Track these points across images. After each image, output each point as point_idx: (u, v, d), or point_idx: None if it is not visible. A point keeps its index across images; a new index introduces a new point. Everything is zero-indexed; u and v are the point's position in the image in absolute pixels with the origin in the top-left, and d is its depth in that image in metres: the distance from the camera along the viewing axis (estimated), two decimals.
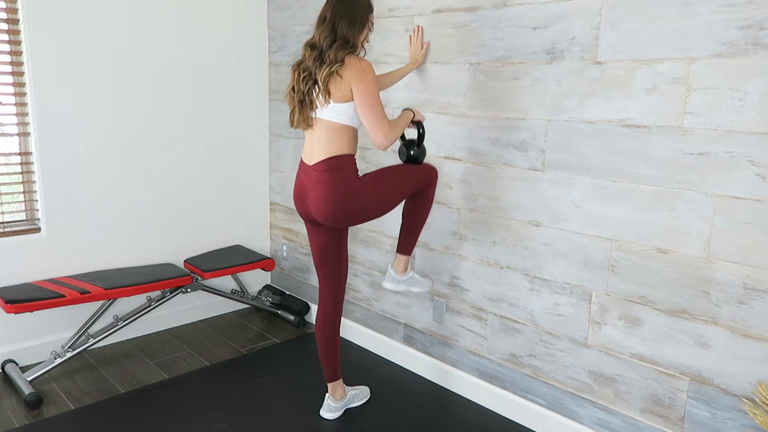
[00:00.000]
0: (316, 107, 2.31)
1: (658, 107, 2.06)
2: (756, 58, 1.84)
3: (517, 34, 2.44)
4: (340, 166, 2.31)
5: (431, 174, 2.54)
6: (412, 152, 2.53)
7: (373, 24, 2.40)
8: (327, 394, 2.66)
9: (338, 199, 2.30)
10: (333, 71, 2.21)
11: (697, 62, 1.96)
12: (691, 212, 2.03)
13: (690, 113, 1.99)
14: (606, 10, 2.16)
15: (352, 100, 2.25)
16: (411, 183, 2.48)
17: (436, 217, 2.87)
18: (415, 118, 2.50)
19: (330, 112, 2.29)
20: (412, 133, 2.56)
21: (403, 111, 2.49)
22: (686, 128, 2.01)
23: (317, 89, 2.28)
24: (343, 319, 3.39)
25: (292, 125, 2.40)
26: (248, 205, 3.85)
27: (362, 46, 2.37)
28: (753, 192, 1.89)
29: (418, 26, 2.79)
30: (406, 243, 2.63)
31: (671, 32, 2.01)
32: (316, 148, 2.34)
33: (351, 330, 3.42)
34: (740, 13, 1.85)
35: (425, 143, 2.57)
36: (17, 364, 2.95)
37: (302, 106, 2.33)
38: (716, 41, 1.91)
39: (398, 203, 2.51)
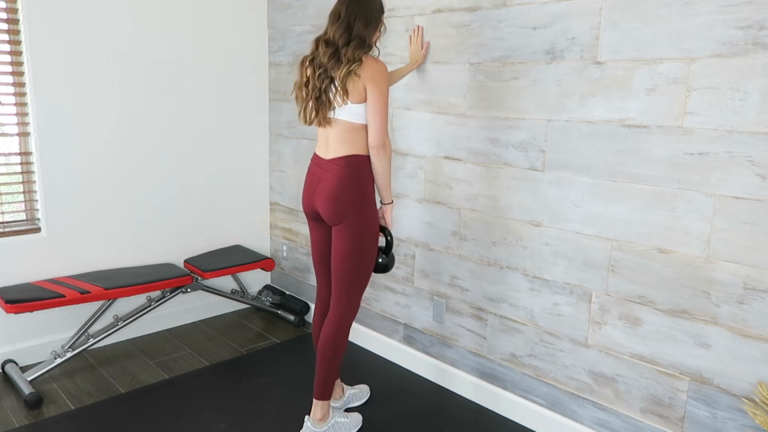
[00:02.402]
0: (334, 107, 2.29)
1: (658, 107, 2.06)
2: (756, 58, 1.84)
3: (517, 34, 2.44)
4: (360, 164, 2.31)
5: (357, 304, 2.44)
6: (380, 260, 2.50)
7: (385, 25, 2.39)
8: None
9: (348, 193, 2.29)
10: (351, 70, 2.19)
11: (697, 62, 1.96)
12: (691, 212, 2.03)
13: (690, 113, 1.99)
14: (606, 10, 2.16)
15: (366, 100, 2.25)
16: (366, 272, 2.40)
17: (436, 217, 2.87)
18: (385, 219, 2.47)
19: (347, 112, 2.27)
20: (380, 241, 2.51)
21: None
22: (686, 128, 2.01)
23: (334, 88, 2.26)
24: None
25: (306, 122, 2.35)
26: (248, 205, 3.85)
27: (375, 46, 2.36)
28: (753, 192, 1.89)
29: (418, 26, 2.79)
30: (323, 384, 2.41)
31: (671, 32, 2.01)
32: (333, 144, 2.32)
33: (351, 330, 3.41)
34: (740, 13, 1.85)
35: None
36: (17, 364, 2.95)
37: (319, 104, 2.29)
38: (716, 41, 1.91)
39: (355, 263, 2.34)
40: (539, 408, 2.57)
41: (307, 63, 2.33)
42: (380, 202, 2.48)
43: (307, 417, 2.44)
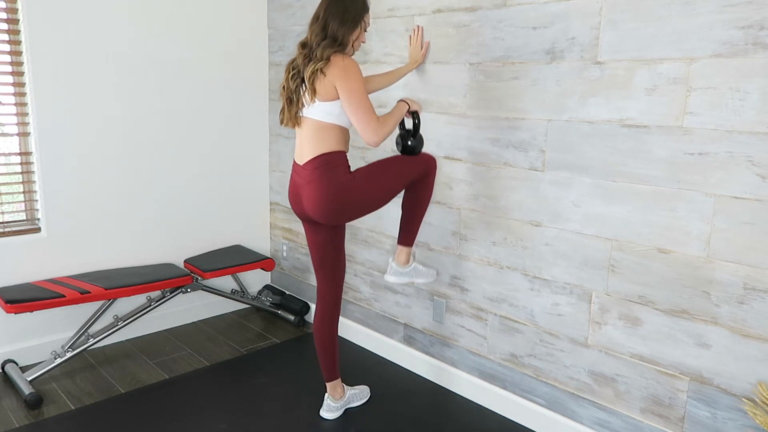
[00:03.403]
0: (303, 105, 2.32)
1: (658, 107, 2.06)
2: (756, 58, 1.84)
3: (517, 34, 2.44)
4: (330, 162, 2.31)
5: (429, 164, 2.52)
6: (409, 143, 2.49)
7: (367, 24, 2.39)
8: (326, 394, 2.66)
9: (331, 195, 2.30)
10: (317, 69, 2.22)
11: (697, 62, 1.96)
12: (691, 212, 2.03)
13: (690, 113, 1.99)
14: (606, 10, 2.16)
15: (337, 98, 2.25)
16: (406, 174, 2.46)
17: (436, 217, 2.87)
18: (411, 108, 2.46)
19: (316, 110, 2.29)
20: (407, 123, 2.53)
21: (397, 103, 2.44)
22: (686, 128, 2.01)
23: (304, 87, 2.29)
24: (343, 319, 3.40)
25: (281, 123, 2.41)
26: (248, 205, 3.85)
27: (353, 46, 2.36)
28: (753, 192, 1.89)
29: (418, 26, 2.79)
30: (407, 234, 2.61)
31: (671, 32, 2.01)
32: (305, 147, 2.35)
33: (351, 330, 3.42)
34: (740, 13, 1.85)
35: (422, 132, 2.52)
36: (17, 364, 2.95)
37: (290, 104, 2.34)
38: (716, 41, 1.91)
39: (396, 194, 2.49)
40: (539, 408, 2.57)
41: (288, 66, 2.38)
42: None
43: (392, 257, 2.67)
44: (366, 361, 3.19)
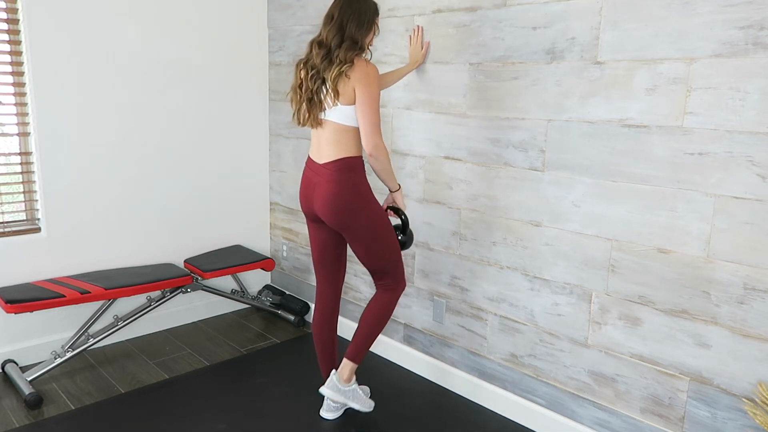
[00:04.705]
0: (325, 108, 2.32)
1: (658, 107, 2.06)
2: (756, 58, 1.84)
3: (517, 34, 2.44)
4: (352, 166, 2.34)
5: (402, 281, 2.53)
6: (400, 238, 2.55)
7: (378, 28, 2.40)
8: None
9: (346, 198, 2.32)
10: (342, 71, 2.22)
11: (697, 62, 1.96)
12: (691, 212, 2.03)
13: (690, 113, 1.99)
14: (606, 10, 2.16)
15: (355, 102, 2.26)
16: (391, 255, 2.46)
17: (436, 217, 2.87)
18: (396, 203, 2.53)
19: (338, 113, 2.30)
20: (393, 221, 2.58)
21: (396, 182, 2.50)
22: (686, 128, 2.01)
23: (325, 89, 2.28)
24: (343, 318, 3.41)
25: (299, 124, 2.39)
26: (248, 205, 3.85)
27: (368, 48, 2.37)
28: (753, 192, 1.89)
29: (418, 26, 2.79)
30: (357, 349, 2.52)
31: (671, 32, 2.01)
32: (325, 147, 2.35)
33: (351, 330, 3.40)
34: (740, 13, 1.85)
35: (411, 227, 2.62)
36: (17, 364, 2.95)
37: (311, 105, 2.33)
38: (716, 41, 1.91)
39: (380, 254, 2.44)
40: (539, 408, 2.57)
41: (302, 65, 2.36)
42: (388, 190, 2.53)
43: (334, 371, 2.54)
44: (366, 361, 3.19)
